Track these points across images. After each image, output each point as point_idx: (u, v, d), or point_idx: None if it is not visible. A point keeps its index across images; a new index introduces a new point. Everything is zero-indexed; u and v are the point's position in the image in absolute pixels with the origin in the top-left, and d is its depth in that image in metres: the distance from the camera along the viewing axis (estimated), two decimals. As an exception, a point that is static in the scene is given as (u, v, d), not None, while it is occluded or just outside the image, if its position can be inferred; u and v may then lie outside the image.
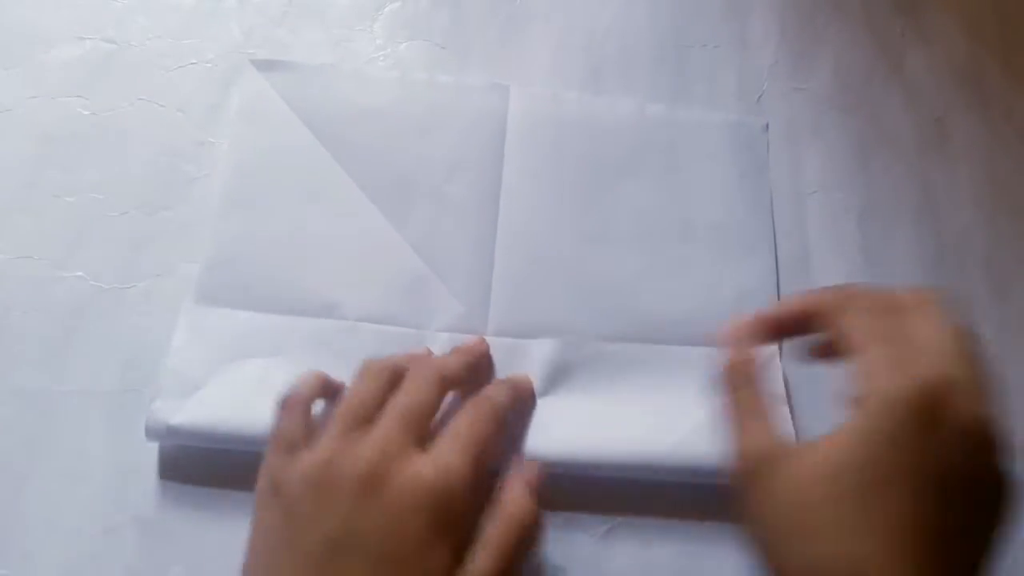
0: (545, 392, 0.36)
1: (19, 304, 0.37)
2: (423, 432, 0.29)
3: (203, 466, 0.34)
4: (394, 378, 0.31)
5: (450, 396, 0.32)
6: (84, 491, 0.33)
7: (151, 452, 0.34)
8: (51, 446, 0.34)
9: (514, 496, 0.29)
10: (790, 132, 0.45)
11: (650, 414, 0.35)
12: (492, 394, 0.32)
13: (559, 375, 0.36)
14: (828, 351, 0.29)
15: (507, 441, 0.33)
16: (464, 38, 0.46)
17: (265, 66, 0.42)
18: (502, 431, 0.31)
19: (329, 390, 0.32)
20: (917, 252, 0.42)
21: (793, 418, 0.36)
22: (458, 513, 0.27)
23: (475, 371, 0.34)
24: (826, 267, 0.41)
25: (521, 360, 0.36)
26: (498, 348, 0.36)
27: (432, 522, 0.26)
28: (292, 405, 0.31)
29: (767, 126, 0.44)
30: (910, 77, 0.47)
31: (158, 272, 0.38)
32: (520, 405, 0.34)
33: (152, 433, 0.33)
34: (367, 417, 0.29)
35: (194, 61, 0.43)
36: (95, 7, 0.44)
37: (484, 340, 0.36)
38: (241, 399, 0.33)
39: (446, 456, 0.28)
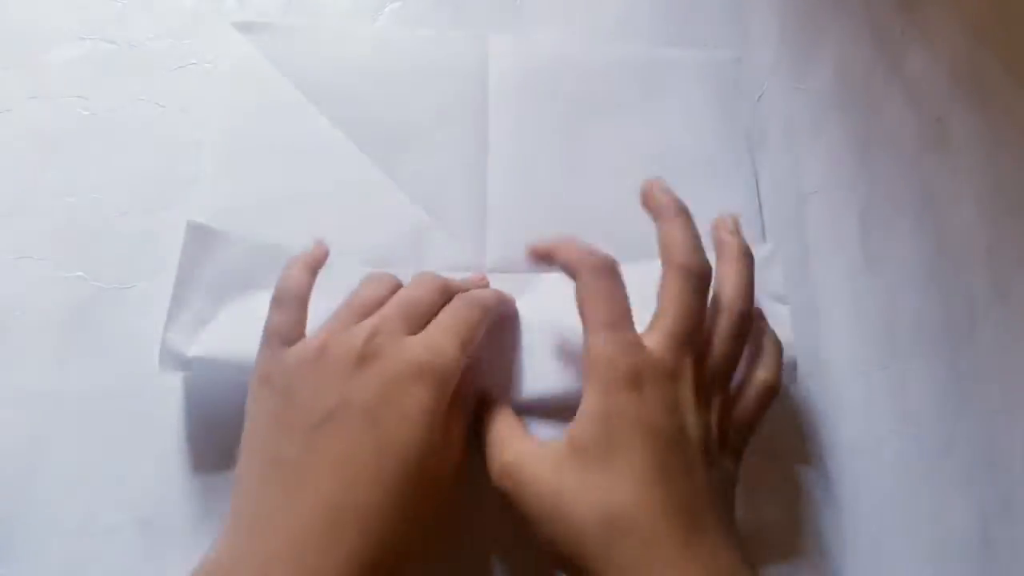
0: (545, 323, 0.36)
1: (20, 304, 0.37)
2: (419, 324, 0.30)
3: (203, 466, 0.34)
4: (397, 285, 0.33)
5: None
6: (84, 491, 0.33)
7: (151, 452, 0.34)
8: (52, 446, 0.34)
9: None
10: (790, 132, 0.45)
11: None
12: (478, 292, 0.34)
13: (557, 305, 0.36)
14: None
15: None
16: (464, 38, 0.46)
17: (247, 27, 0.43)
18: (488, 321, 0.33)
19: (320, 263, 0.33)
20: (917, 252, 0.42)
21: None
22: (448, 383, 0.29)
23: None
24: (826, 267, 0.41)
25: (520, 293, 0.37)
26: (497, 283, 0.37)
27: (425, 392, 0.28)
28: (285, 300, 0.31)
29: (740, 59, 0.46)
30: (910, 77, 0.47)
31: (158, 272, 0.38)
32: (504, 307, 0.35)
33: (167, 364, 0.33)
34: (366, 313, 0.31)
35: (194, 61, 0.43)
36: (95, 7, 0.44)
37: (485, 276, 0.37)
38: (253, 331, 0.33)
39: (438, 339, 0.30)
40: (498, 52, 0.44)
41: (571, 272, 0.31)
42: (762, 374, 0.32)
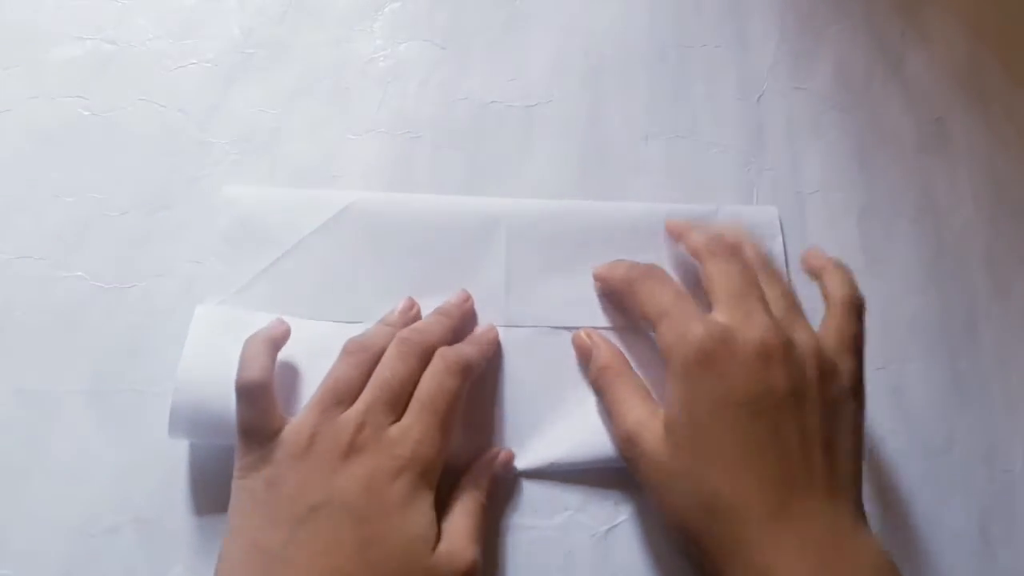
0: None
1: (19, 304, 0.37)
2: (401, 404, 0.31)
3: (204, 466, 0.34)
4: (374, 360, 0.32)
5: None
6: (84, 491, 0.33)
7: (151, 452, 0.34)
8: (51, 446, 0.34)
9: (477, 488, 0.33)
10: (790, 132, 0.45)
11: None
12: (460, 350, 0.34)
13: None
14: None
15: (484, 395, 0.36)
16: (464, 38, 0.46)
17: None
18: (466, 385, 0.33)
19: (280, 343, 0.33)
20: (917, 252, 0.42)
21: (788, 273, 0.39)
22: (432, 471, 0.30)
23: (457, 333, 0.36)
24: (826, 267, 0.41)
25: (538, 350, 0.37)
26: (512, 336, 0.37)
27: (409, 483, 0.29)
28: (250, 393, 0.31)
29: (779, 217, 0.42)
30: (910, 77, 0.47)
31: (158, 272, 0.38)
32: (488, 356, 0.36)
33: (176, 433, 0.33)
34: (344, 399, 0.31)
35: (194, 61, 0.43)
36: (95, 7, 0.44)
37: (468, 296, 0.37)
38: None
39: (418, 427, 0.31)
40: (508, 214, 0.40)
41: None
42: (839, 292, 0.34)
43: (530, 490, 0.35)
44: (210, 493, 0.33)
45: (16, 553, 0.32)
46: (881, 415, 0.38)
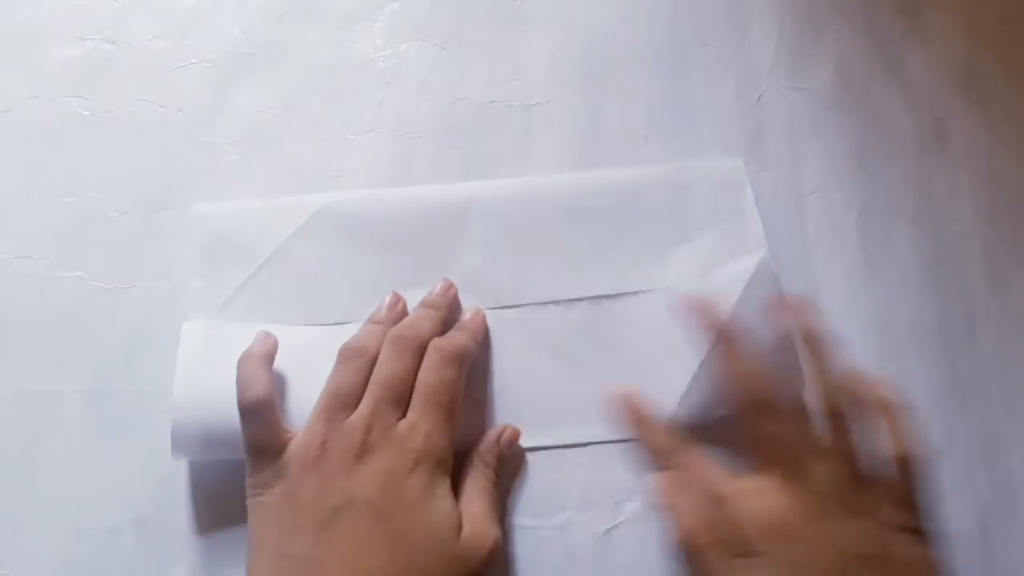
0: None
1: (19, 304, 0.37)
2: (404, 399, 0.32)
3: (203, 466, 0.34)
4: (371, 362, 0.33)
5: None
6: (84, 491, 0.33)
7: (151, 452, 0.34)
8: (52, 446, 0.34)
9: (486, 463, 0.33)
10: (789, 132, 0.45)
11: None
12: (453, 338, 0.34)
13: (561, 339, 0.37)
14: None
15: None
16: (464, 38, 0.46)
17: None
18: (464, 373, 0.34)
19: (273, 355, 0.34)
20: (917, 252, 0.42)
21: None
22: (445, 460, 0.31)
23: (446, 322, 0.36)
24: (826, 267, 0.41)
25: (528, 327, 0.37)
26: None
27: (426, 475, 0.30)
28: (253, 412, 0.31)
29: (745, 163, 0.43)
30: (910, 77, 0.47)
31: (158, 272, 0.38)
32: (480, 340, 0.36)
33: (179, 454, 0.33)
34: (351, 402, 0.31)
35: (194, 61, 0.43)
36: (95, 7, 0.44)
37: (451, 284, 0.37)
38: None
39: (425, 420, 0.31)
40: (479, 198, 0.40)
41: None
42: (906, 450, 0.32)
43: (530, 490, 0.35)
44: (210, 493, 0.34)
45: (16, 553, 0.32)
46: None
